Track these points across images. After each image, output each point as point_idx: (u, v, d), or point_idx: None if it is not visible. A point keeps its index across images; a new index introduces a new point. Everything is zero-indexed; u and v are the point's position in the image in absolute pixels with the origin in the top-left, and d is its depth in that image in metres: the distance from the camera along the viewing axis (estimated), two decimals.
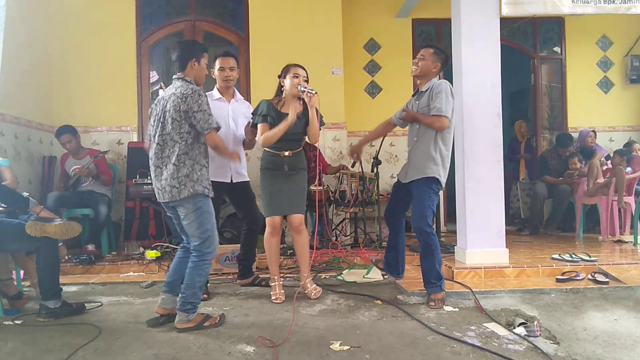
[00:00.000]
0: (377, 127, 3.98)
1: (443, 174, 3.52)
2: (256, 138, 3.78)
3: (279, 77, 3.72)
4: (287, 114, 3.55)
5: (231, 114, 3.94)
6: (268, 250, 3.72)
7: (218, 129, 3.05)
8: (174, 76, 3.15)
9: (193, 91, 2.97)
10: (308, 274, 3.73)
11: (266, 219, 3.69)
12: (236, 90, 4.10)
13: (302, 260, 3.72)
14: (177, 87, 3.02)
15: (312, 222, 5.15)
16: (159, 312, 3.13)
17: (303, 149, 3.80)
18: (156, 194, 3.11)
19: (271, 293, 3.66)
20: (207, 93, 4.04)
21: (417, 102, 3.65)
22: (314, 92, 3.52)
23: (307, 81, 3.64)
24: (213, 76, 3.98)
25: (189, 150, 3.00)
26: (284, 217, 3.71)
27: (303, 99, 3.61)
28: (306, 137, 3.78)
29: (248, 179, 4.10)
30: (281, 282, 3.72)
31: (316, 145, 4.14)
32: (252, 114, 3.74)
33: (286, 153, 3.62)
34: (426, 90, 3.57)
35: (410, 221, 3.64)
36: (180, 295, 3.02)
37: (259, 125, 3.61)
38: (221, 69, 3.90)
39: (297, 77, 3.59)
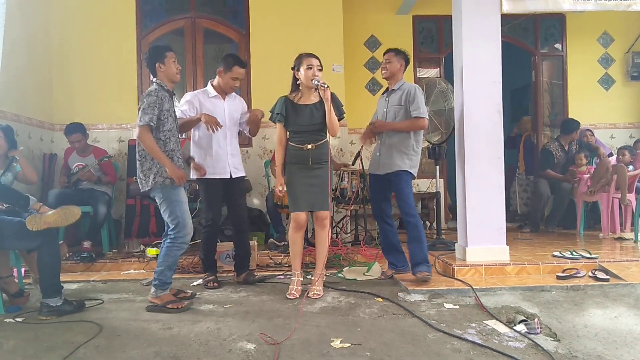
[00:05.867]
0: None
1: (414, 169, 3.93)
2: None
3: (293, 69, 3.69)
4: (305, 106, 3.64)
5: (227, 111, 4.05)
6: (291, 246, 3.73)
7: (148, 126, 3.33)
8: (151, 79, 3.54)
9: (146, 92, 3.38)
10: (319, 271, 3.68)
11: (291, 214, 3.70)
12: None
13: (318, 256, 3.71)
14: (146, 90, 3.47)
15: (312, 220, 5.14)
16: (152, 301, 3.42)
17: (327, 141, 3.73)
18: None
19: (289, 287, 3.68)
20: (202, 90, 4.13)
21: (388, 99, 4.02)
22: (325, 85, 3.49)
23: (321, 69, 3.61)
24: (220, 75, 4.02)
25: None
26: (309, 213, 3.71)
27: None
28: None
29: (244, 175, 4.21)
30: (301, 279, 3.71)
31: None
32: (270, 111, 3.76)
33: (309, 146, 3.60)
34: (398, 89, 3.96)
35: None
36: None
37: (277, 124, 3.71)
38: (235, 79, 4.01)
39: (311, 67, 3.56)
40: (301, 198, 3.62)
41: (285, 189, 3.68)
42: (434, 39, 7.22)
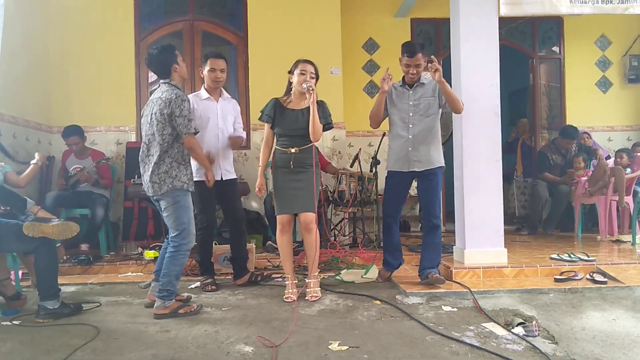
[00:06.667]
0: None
1: None
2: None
3: (289, 72, 3.71)
4: (292, 111, 3.65)
5: (220, 113, 4.06)
6: (280, 249, 3.74)
7: (196, 133, 3.34)
8: (160, 80, 3.38)
9: (177, 96, 3.23)
10: (312, 274, 3.68)
11: (277, 217, 3.70)
12: (223, 89, 4.18)
13: (309, 259, 3.71)
14: (163, 92, 3.29)
15: None
16: (151, 299, 3.43)
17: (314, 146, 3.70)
18: (144, 188, 3.41)
19: (285, 291, 3.66)
20: (195, 93, 4.15)
21: (411, 92, 3.83)
22: (311, 88, 3.51)
23: (316, 77, 3.63)
24: (202, 75, 4.09)
25: (169, 149, 3.30)
26: (294, 215, 3.70)
27: None
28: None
29: (236, 177, 4.22)
30: (295, 282, 3.71)
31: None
32: (260, 111, 3.79)
33: (292, 150, 3.61)
34: (427, 83, 3.81)
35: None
36: (159, 283, 3.29)
37: (265, 125, 3.74)
38: (212, 70, 3.99)
39: (304, 73, 3.58)
40: (285, 201, 3.65)
41: (263, 189, 3.73)
42: (432, 42, 7.22)
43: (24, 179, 4.11)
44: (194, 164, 3.99)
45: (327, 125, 3.71)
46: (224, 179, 4.04)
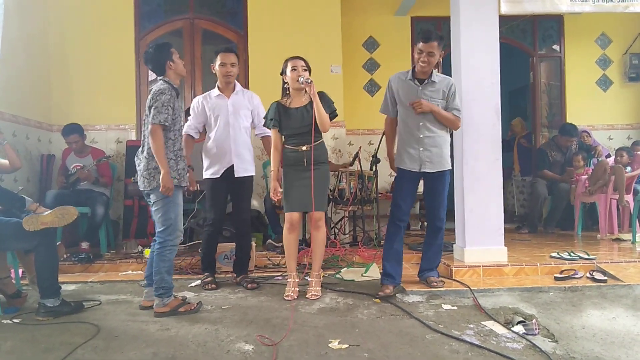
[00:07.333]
0: (387, 133, 3.96)
1: None
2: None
3: (281, 74, 3.72)
4: (296, 109, 3.64)
5: (231, 109, 4.00)
6: (286, 247, 3.73)
7: (163, 126, 3.24)
8: (157, 77, 3.43)
9: (157, 89, 3.28)
10: (316, 272, 3.70)
11: (285, 214, 3.70)
12: (237, 83, 4.12)
13: (314, 257, 3.71)
14: (155, 88, 3.34)
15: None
16: (145, 305, 3.40)
17: (323, 142, 3.72)
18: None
19: (286, 289, 3.66)
20: (208, 92, 4.10)
21: (421, 88, 3.64)
22: (309, 80, 3.50)
23: (308, 70, 3.62)
24: (213, 71, 4.07)
25: None
26: (304, 213, 3.70)
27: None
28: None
29: (251, 174, 4.11)
30: (297, 280, 3.70)
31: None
32: (263, 118, 3.80)
33: (304, 147, 3.60)
34: (437, 82, 3.65)
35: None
36: (153, 282, 3.29)
37: (271, 130, 3.71)
38: (222, 64, 3.97)
39: (295, 69, 3.58)
40: (295, 198, 3.64)
41: (279, 194, 3.68)
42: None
43: (12, 160, 4.04)
44: (205, 161, 4.02)
45: (332, 114, 3.68)
46: (236, 176, 3.98)
